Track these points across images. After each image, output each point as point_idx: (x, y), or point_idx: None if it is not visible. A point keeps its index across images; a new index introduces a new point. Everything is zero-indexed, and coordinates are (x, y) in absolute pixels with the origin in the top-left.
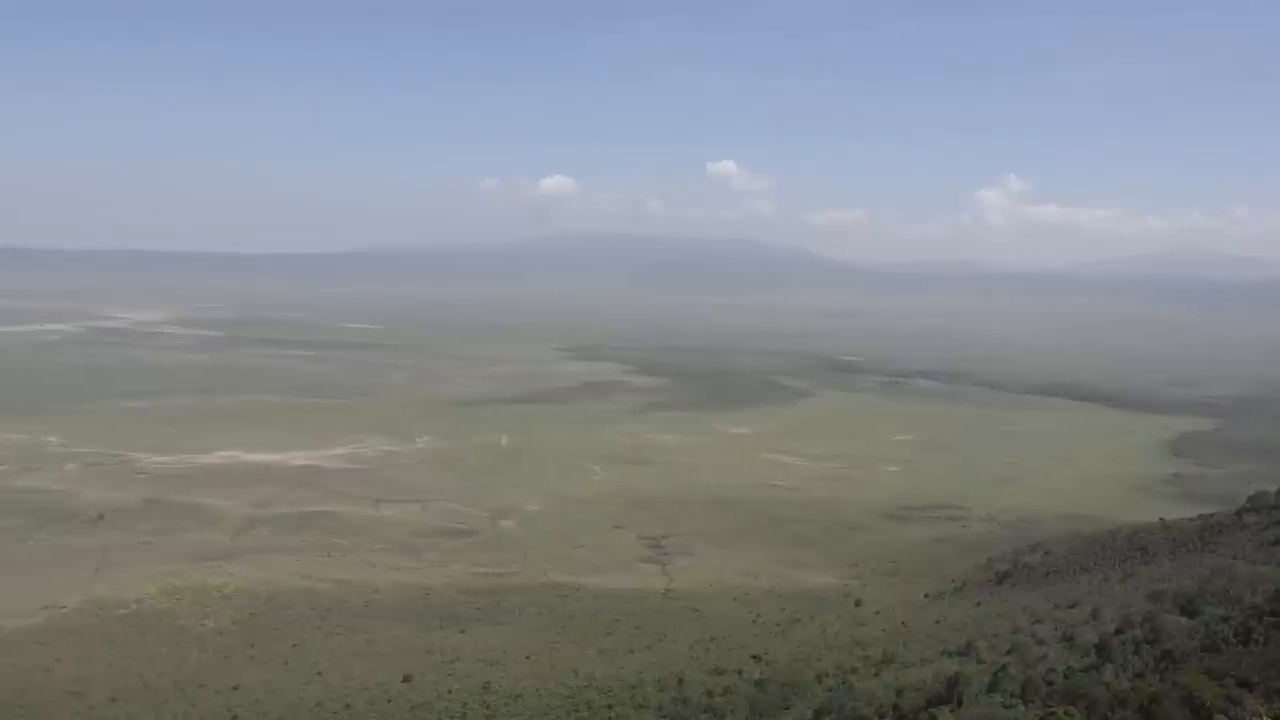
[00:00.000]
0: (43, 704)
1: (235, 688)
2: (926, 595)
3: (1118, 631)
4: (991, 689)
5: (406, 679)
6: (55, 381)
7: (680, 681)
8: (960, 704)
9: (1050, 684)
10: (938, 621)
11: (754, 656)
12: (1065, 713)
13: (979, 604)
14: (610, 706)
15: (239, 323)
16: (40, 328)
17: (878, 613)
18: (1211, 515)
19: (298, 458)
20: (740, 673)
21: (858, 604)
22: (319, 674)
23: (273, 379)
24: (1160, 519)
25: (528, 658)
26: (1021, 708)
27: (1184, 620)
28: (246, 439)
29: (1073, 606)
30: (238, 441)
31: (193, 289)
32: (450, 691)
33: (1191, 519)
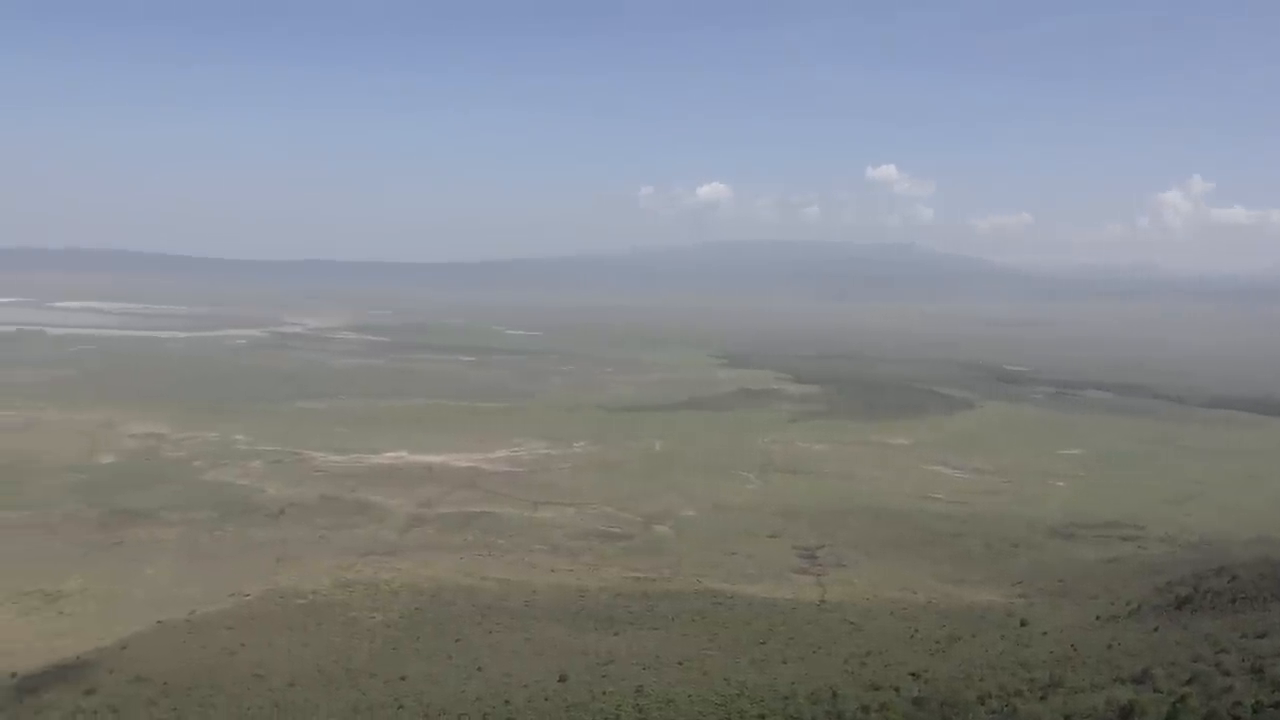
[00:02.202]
0: (230, 685)
1: (402, 678)
2: (1098, 618)
3: None
4: None
5: (562, 678)
6: (242, 384)
7: (834, 695)
8: None
9: (1236, 718)
10: (1110, 646)
11: (912, 673)
12: None
13: (1156, 629)
14: (762, 716)
15: (406, 329)
16: (229, 333)
17: (1045, 634)
18: None
19: (460, 459)
20: (897, 689)
21: (1023, 624)
22: (479, 669)
23: (437, 383)
24: None
25: (680, 663)
26: None
27: None
28: (413, 440)
29: (1262, 636)
30: (405, 443)
31: (365, 296)
32: (604, 693)
33: None
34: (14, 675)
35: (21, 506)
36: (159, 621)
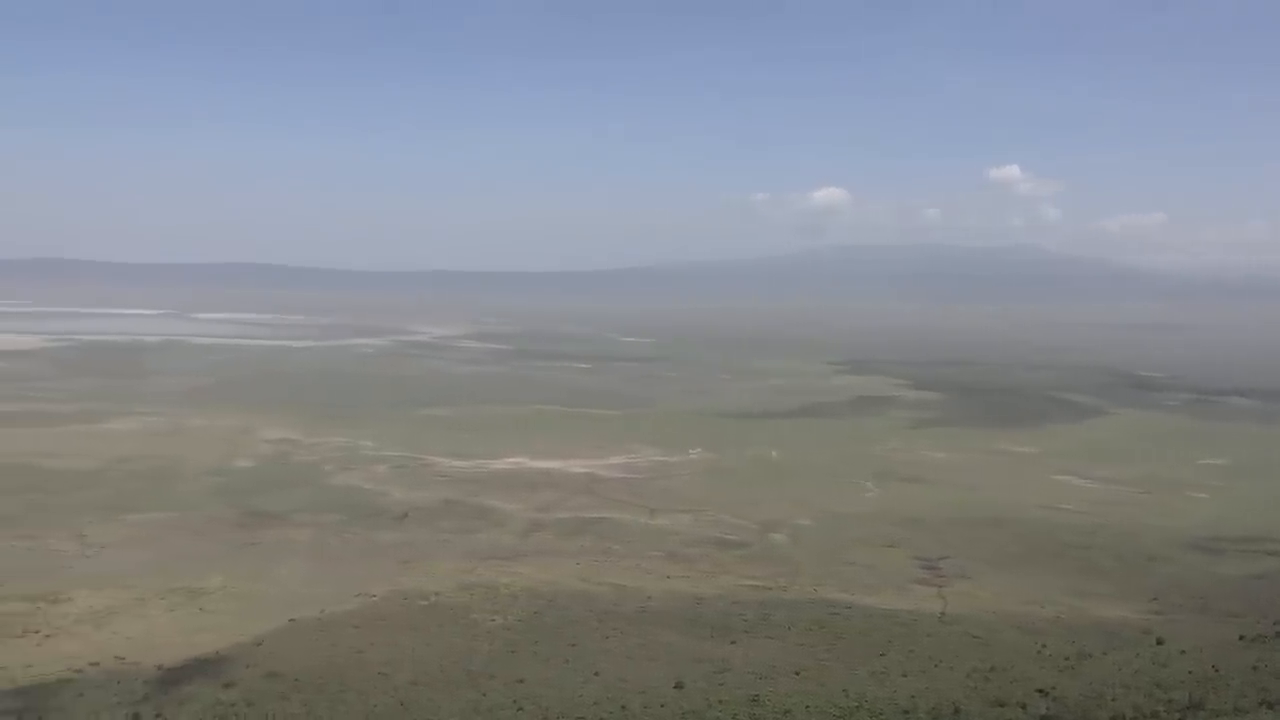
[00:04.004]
0: (357, 682)
1: (520, 681)
2: (1241, 637)
3: None
4: None
5: (678, 685)
6: (369, 391)
7: (956, 710)
8: None
9: None
10: (1255, 667)
11: (1039, 690)
12: None
13: None
14: None
15: (524, 336)
16: (357, 342)
17: (1183, 653)
18: None
19: (577, 465)
20: (1024, 706)
21: (1159, 642)
22: (595, 674)
23: (555, 390)
24: None
25: (797, 673)
26: None
27: None
28: (531, 446)
29: None
30: (523, 449)
31: (485, 305)
32: (720, 701)
33: None
34: (159, 668)
35: (168, 507)
36: (291, 620)
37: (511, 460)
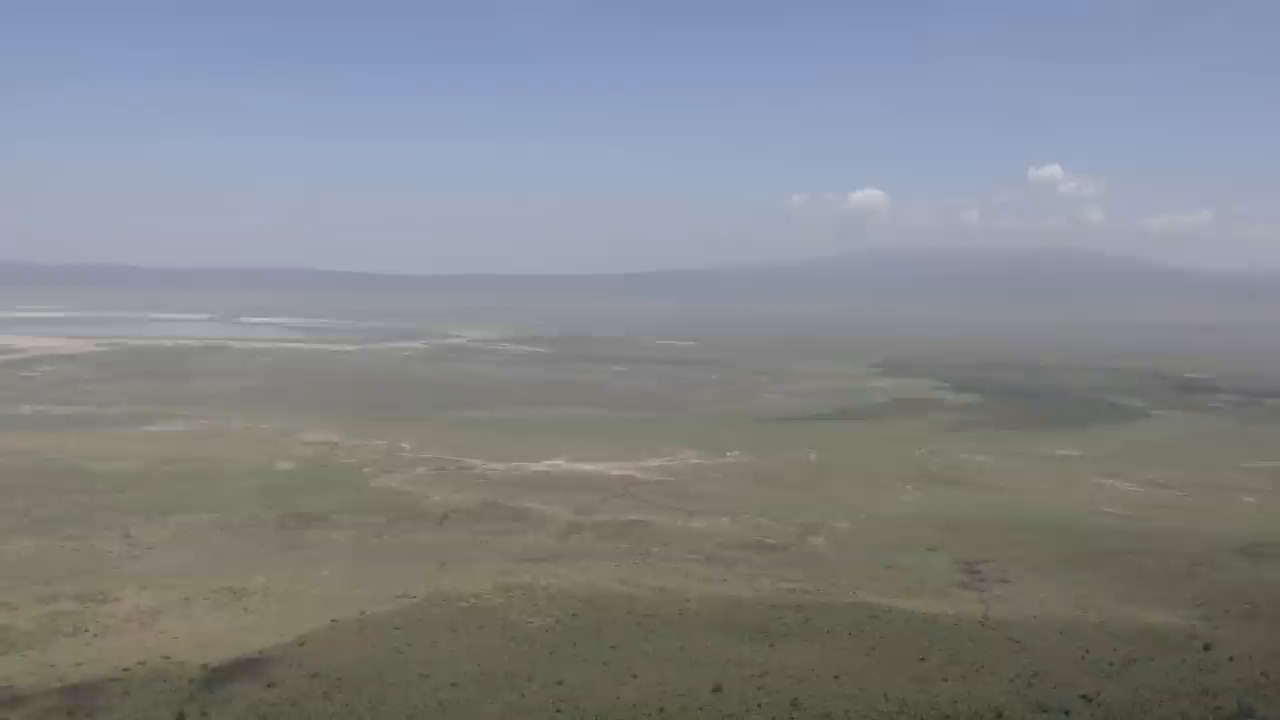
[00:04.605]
0: (398, 684)
1: (559, 683)
2: None
3: None
4: None
5: (716, 689)
6: (408, 394)
7: (999, 716)
8: None
9: None
10: None
11: (1083, 696)
12: None
13: None
14: None
15: (562, 340)
16: (397, 345)
17: (1231, 659)
18: None
19: (615, 468)
20: (1068, 713)
21: (1206, 648)
22: (634, 676)
23: (592, 393)
24: None
25: (836, 677)
26: None
27: None
28: (569, 449)
29: None
30: (562, 451)
31: (523, 309)
32: (759, 705)
33: None
34: (204, 667)
35: (213, 509)
36: (333, 620)
37: (550, 463)
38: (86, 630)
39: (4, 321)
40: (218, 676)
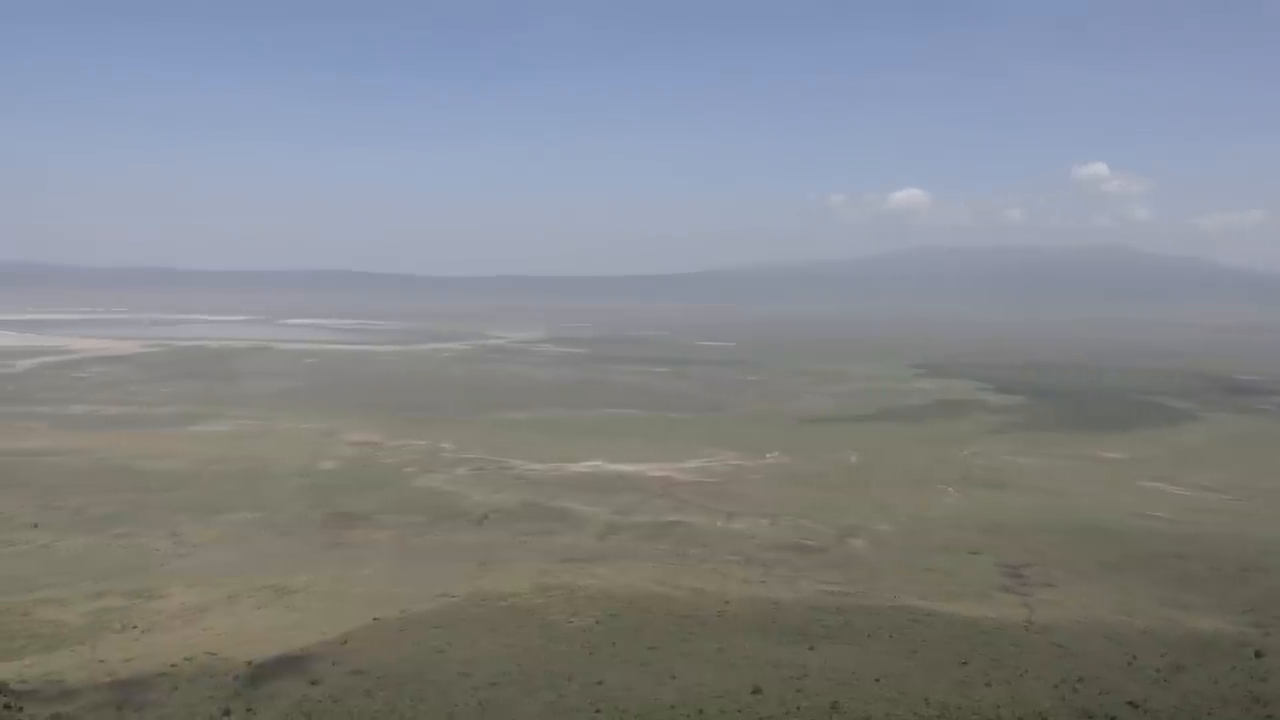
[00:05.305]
0: (439, 682)
1: (599, 683)
2: None
3: None
4: None
5: (756, 690)
6: (449, 394)
7: None
8: None
9: None
10: None
11: (1130, 702)
12: None
13: None
14: None
15: (601, 341)
16: (437, 347)
17: None
18: None
19: (654, 469)
20: (1114, 719)
21: (1257, 655)
22: (673, 677)
23: (632, 394)
24: None
25: (877, 680)
26: None
27: None
28: (609, 450)
29: None
30: (601, 452)
31: (561, 310)
32: (799, 708)
33: None
34: (249, 663)
35: (257, 508)
36: (374, 619)
37: (589, 463)
38: (135, 626)
39: (57, 323)
40: (262, 673)
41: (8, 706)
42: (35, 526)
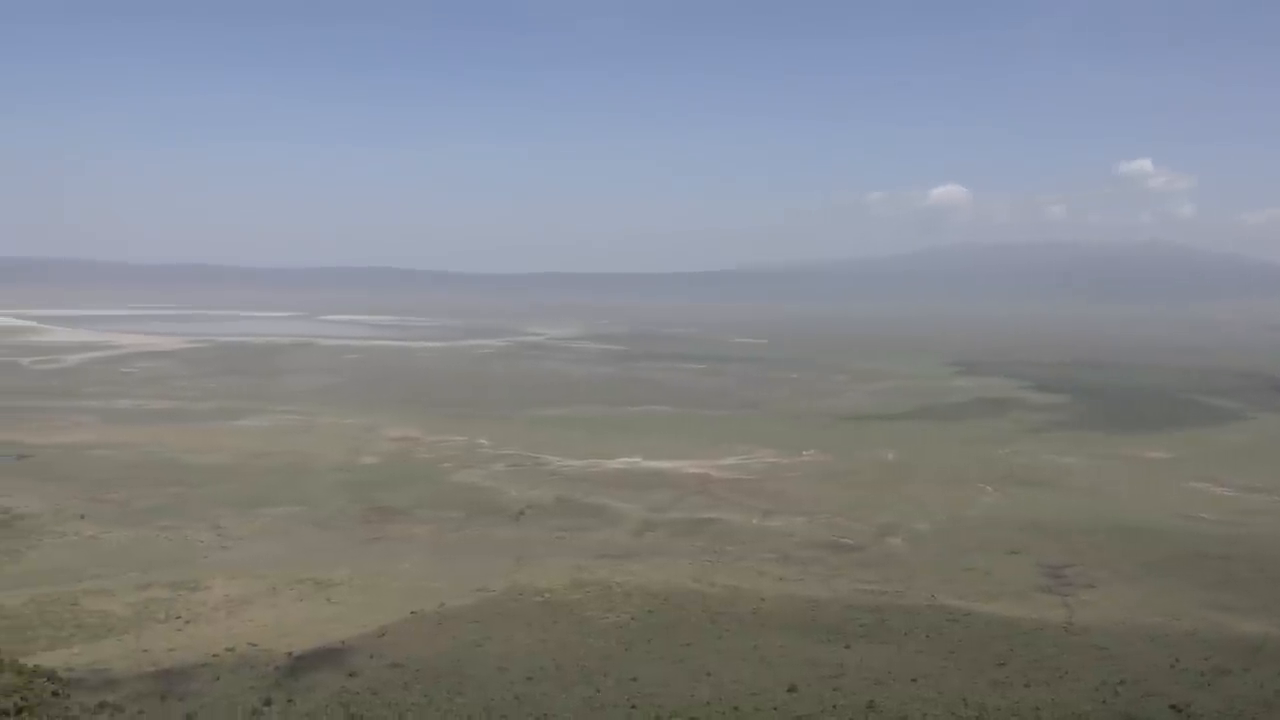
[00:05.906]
0: (476, 676)
1: (634, 679)
2: None
3: None
4: None
5: (791, 689)
6: (487, 390)
7: None
8: None
9: None
10: None
11: (1173, 706)
12: None
13: None
14: None
15: (638, 337)
16: (475, 343)
17: None
18: None
19: (690, 466)
20: None
21: None
22: (708, 674)
23: (668, 390)
24: None
25: (914, 680)
26: None
27: None
28: (644, 446)
29: None
30: (637, 448)
31: (599, 307)
32: (835, 707)
33: None
34: (289, 655)
35: (300, 501)
36: (412, 612)
37: (625, 460)
38: (178, 617)
39: (104, 319)
40: (302, 664)
41: (55, 694)
42: (83, 518)
